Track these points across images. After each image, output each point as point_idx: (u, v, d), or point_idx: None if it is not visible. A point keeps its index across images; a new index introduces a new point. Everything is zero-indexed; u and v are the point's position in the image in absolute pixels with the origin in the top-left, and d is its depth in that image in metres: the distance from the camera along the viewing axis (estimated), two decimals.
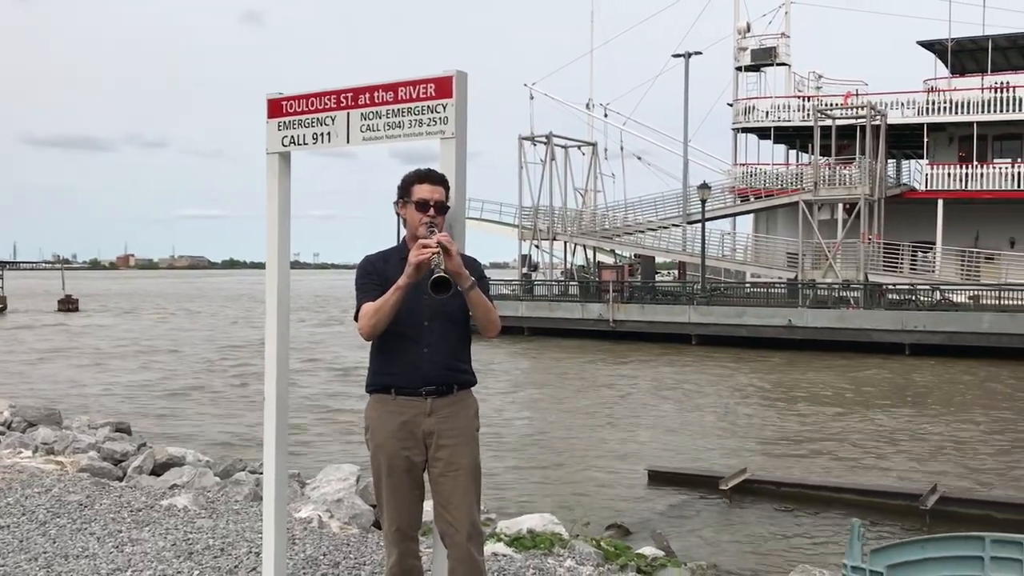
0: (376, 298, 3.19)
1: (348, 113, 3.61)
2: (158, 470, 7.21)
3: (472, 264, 3.26)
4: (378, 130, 3.54)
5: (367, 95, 3.55)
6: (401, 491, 3.29)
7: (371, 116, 3.54)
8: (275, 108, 3.84)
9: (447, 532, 3.25)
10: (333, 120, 3.65)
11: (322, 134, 3.70)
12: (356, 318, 3.26)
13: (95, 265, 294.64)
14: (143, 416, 14.86)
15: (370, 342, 3.31)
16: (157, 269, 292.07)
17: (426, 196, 3.23)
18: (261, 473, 6.45)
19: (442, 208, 3.25)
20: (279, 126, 3.82)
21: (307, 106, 3.73)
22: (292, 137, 3.79)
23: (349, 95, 3.60)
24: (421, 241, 3.08)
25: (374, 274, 3.28)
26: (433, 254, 3.01)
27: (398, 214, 3.36)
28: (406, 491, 3.29)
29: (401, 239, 3.41)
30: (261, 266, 3.93)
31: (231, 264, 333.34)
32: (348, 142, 3.63)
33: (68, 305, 50.22)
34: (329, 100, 3.66)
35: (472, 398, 3.39)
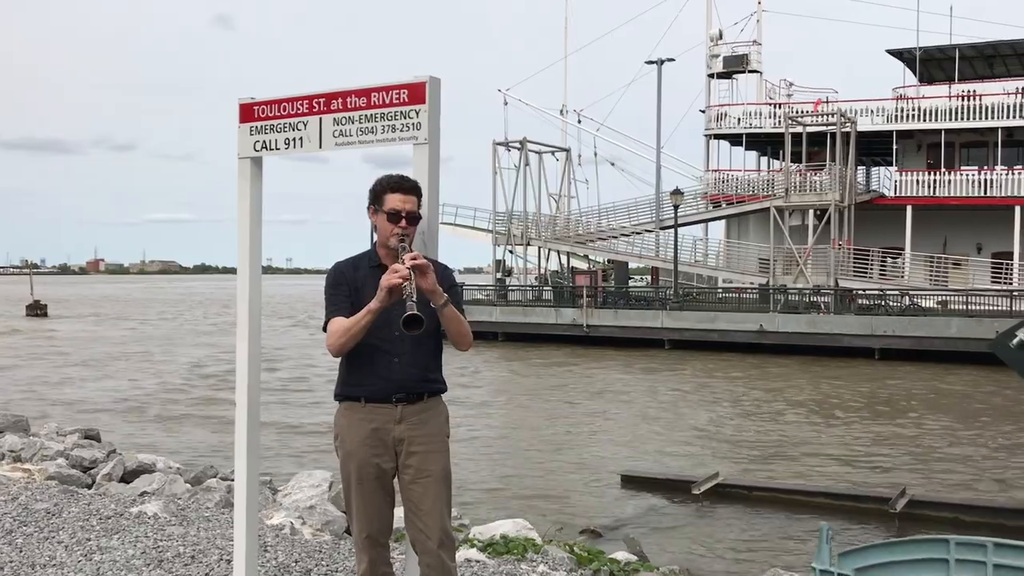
0: (345, 312, 3.17)
1: (320, 118, 3.60)
2: (128, 477, 7.13)
3: (444, 274, 3.24)
4: (351, 135, 3.53)
5: (340, 100, 3.54)
6: (371, 498, 3.26)
7: (344, 121, 3.53)
8: (247, 113, 3.82)
9: (418, 539, 3.23)
10: (305, 125, 3.64)
11: (294, 139, 3.68)
12: (324, 328, 3.24)
13: (65, 270, 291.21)
14: (113, 423, 14.70)
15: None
16: (128, 274, 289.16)
17: (398, 207, 3.17)
18: (233, 480, 6.41)
19: (414, 219, 3.20)
20: (251, 131, 3.80)
21: (279, 111, 3.72)
22: (264, 142, 3.77)
23: (322, 100, 3.60)
24: (394, 266, 3.02)
25: (344, 284, 3.24)
26: (404, 281, 2.97)
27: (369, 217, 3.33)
28: (377, 498, 3.27)
29: (372, 243, 3.38)
30: (233, 271, 3.90)
31: (203, 269, 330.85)
32: (320, 147, 3.62)
33: (37, 310, 49.61)
34: (301, 105, 3.65)
35: (442, 404, 3.38)
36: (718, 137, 39.05)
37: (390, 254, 3.21)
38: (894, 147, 35.62)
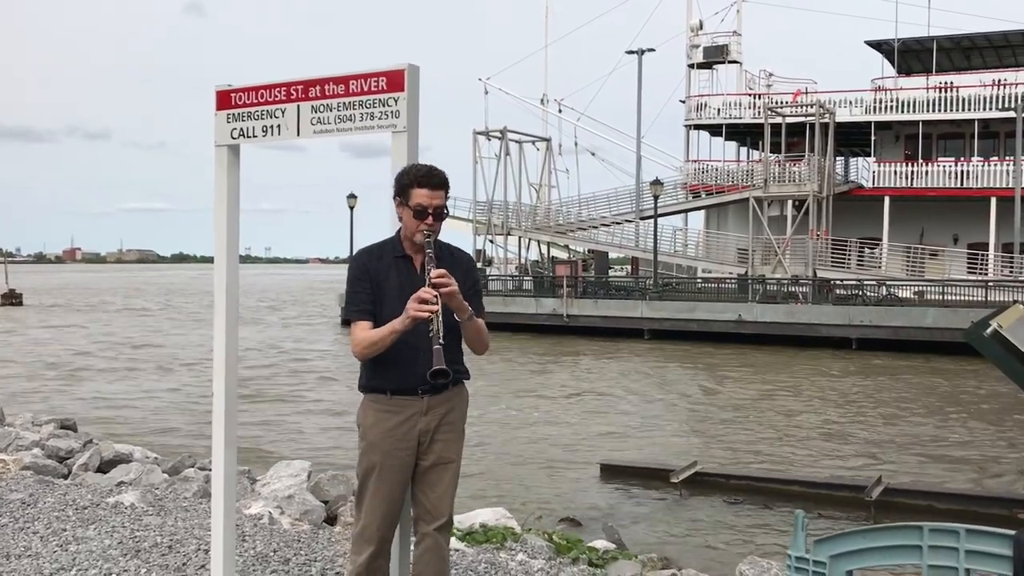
0: (367, 309, 3.17)
1: (299, 106, 3.58)
2: (105, 467, 7.08)
3: (468, 269, 3.29)
4: (329, 123, 3.51)
5: (318, 88, 3.52)
6: (389, 491, 3.25)
7: (322, 109, 3.51)
8: (224, 100, 3.78)
9: (423, 517, 3.26)
10: (283, 113, 3.62)
11: (272, 127, 3.66)
12: (348, 323, 3.23)
13: (40, 259, 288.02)
14: (89, 413, 14.59)
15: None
16: (105, 263, 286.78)
17: (425, 202, 3.15)
18: (211, 469, 6.38)
19: (440, 215, 3.19)
20: (228, 118, 3.77)
21: (257, 98, 3.69)
22: (241, 129, 3.74)
23: (300, 87, 3.57)
24: (423, 293, 2.99)
25: (365, 280, 3.22)
26: (433, 314, 2.94)
27: (348, 206, 3.31)
28: (394, 492, 3.26)
29: (396, 232, 3.33)
30: (211, 260, 3.88)
31: (181, 258, 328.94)
32: (298, 135, 3.59)
33: (12, 299, 49.08)
34: (279, 92, 3.63)
35: (465, 390, 3.41)
36: (698, 127, 39.16)
37: (414, 246, 3.23)
38: (872, 138, 35.85)
